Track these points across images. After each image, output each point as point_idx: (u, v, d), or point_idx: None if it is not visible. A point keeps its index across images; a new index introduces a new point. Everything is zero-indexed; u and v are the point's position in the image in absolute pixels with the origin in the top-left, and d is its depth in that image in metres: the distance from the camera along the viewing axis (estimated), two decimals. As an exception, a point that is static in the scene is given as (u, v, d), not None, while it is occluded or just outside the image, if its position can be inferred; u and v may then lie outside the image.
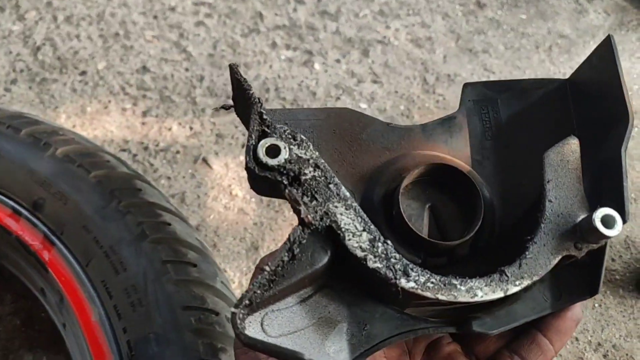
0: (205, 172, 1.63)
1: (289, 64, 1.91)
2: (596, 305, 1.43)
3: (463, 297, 0.54)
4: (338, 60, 1.93)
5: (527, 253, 0.56)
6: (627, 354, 1.36)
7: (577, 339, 1.38)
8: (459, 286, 0.54)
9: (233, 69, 0.62)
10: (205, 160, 1.65)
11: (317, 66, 1.91)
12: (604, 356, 1.36)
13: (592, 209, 0.56)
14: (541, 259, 0.56)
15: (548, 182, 0.59)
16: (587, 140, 0.62)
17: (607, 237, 0.55)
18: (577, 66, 0.67)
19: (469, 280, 0.54)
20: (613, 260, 1.51)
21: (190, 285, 0.95)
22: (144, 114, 1.72)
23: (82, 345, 0.88)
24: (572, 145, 0.61)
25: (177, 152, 1.66)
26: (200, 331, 0.89)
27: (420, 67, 1.92)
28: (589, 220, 0.55)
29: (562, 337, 0.62)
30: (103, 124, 1.69)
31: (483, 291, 0.54)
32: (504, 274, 0.55)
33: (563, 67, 1.93)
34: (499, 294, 0.54)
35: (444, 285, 0.54)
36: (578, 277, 0.61)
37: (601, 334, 1.39)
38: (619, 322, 1.41)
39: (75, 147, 1.09)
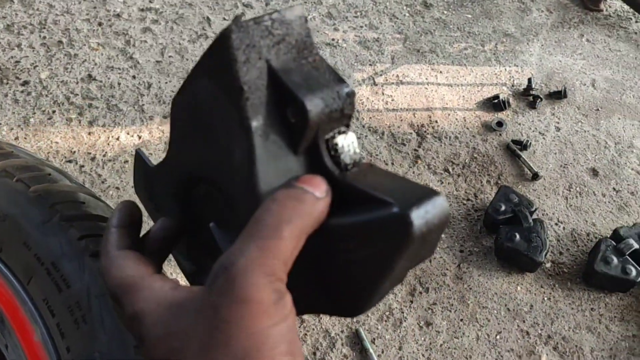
0: (155, 181, 1.60)
1: (238, 68, 1.89)
2: (545, 299, 1.46)
3: None
4: (287, 64, 1.92)
5: None
6: (576, 345, 1.39)
7: (527, 333, 1.40)
8: None
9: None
10: (154, 169, 1.62)
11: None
12: (554, 348, 1.39)
13: None
14: None
15: None
16: None
17: None
18: (522, 64, 0.65)
19: None
20: (561, 253, 1.55)
21: (138, 298, 0.92)
22: (91, 123, 1.69)
23: (25, 366, 0.85)
24: None
25: (126, 161, 1.63)
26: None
27: (369, 68, 1.93)
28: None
29: None
30: (47, 136, 1.65)
31: None
32: None
33: (508, 65, 1.96)
34: None
35: None
36: None
37: (551, 326, 1.42)
38: (567, 314, 1.44)
39: (14, 161, 1.06)
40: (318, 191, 0.48)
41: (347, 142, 0.52)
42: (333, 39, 2.01)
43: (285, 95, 0.50)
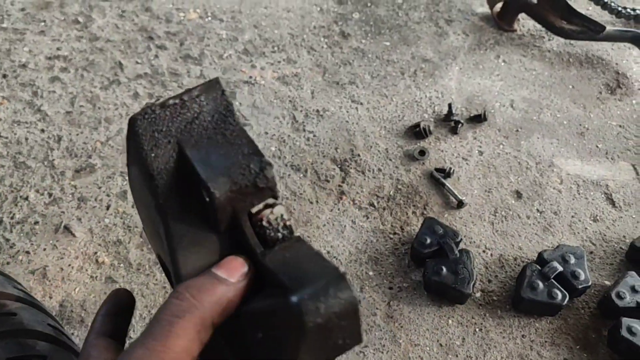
0: (68, 242, 1.52)
1: (154, 114, 1.83)
2: (477, 330, 1.44)
3: None
4: (205, 106, 1.88)
5: None
6: (510, 376, 1.38)
7: (462, 368, 1.38)
8: None
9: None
10: (67, 229, 1.55)
11: (183, 114, 1.84)
12: (489, 381, 1.37)
13: None
14: None
15: None
16: None
17: None
18: (442, 89, 0.65)
19: None
20: (490, 281, 1.54)
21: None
22: (-4, 184, 1.60)
23: None
24: None
25: (36, 222, 1.55)
26: None
27: (289, 104, 1.90)
28: None
29: None
30: (-51, 201, 1.55)
31: None
32: None
33: (428, 91, 1.96)
34: None
35: None
36: None
37: (483, 358, 1.40)
38: (499, 344, 1.42)
39: None
40: (233, 276, 0.47)
41: (273, 217, 0.51)
42: (251, 77, 1.97)
43: (195, 178, 0.50)
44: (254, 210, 0.51)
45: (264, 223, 0.50)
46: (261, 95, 1.92)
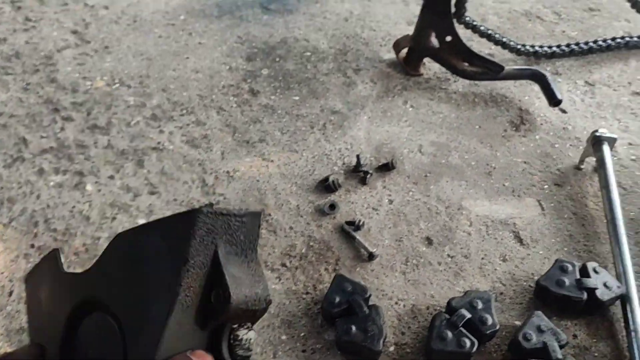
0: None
1: (59, 190, 1.80)
2: (392, 385, 1.45)
3: None
4: (112, 177, 1.86)
5: None
6: None
7: None
8: None
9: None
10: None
11: (89, 187, 1.82)
12: None
13: None
14: None
15: None
16: None
17: None
18: (351, 140, 0.77)
19: None
20: (403, 333, 1.54)
21: None
22: None
23: None
24: None
25: None
26: None
27: (199, 168, 1.90)
28: None
29: None
30: None
31: None
32: None
33: (338, 143, 1.99)
34: None
35: None
36: None
37: (399, 415, 1.40)
38: (415, 398, 1.43)
39: None
40: None
41: (247, 338, 0.63)
42: (159, 142, 1.96)
43: (217, 280, 0.60)
44: (235, 325, 0.63)
45: (238, 339, 0.62)
46: (170, 161, 1.91)
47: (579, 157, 1.99)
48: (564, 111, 2.20)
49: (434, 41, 2.21)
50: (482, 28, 2.32)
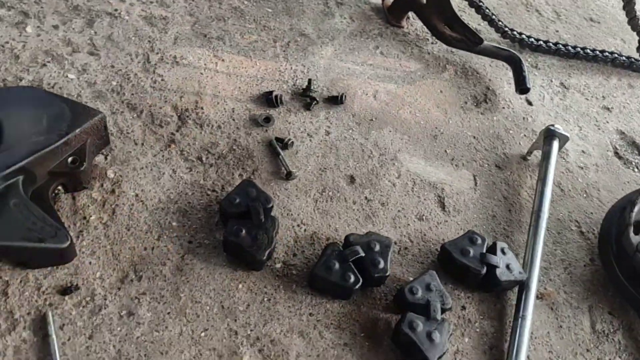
0: None
1: (-3, 22, 1.72)
2: (265, 299, 1.41)
3: None
4: (56, 27, 1.78)
5: None
6: (282, 349, 1.34)
7: (236, 333, 1.34)
8: None
9: None
10: None
11: (29, 29, 1.74)
12: (260, 351, 1.33)
13: None
14: None
15: None
16: None
17: None
18: (309, 64, 0.67)
19: None
20: (295, 255, 1.50)
21: None
22: None
23: None
24: None
25: None
26: None
27: (147, 45, 1.82)
28: None
29: None
30: None
31: None
32: None
33: (296, 64, 1.92)
34: None
35: None
36: None
37: (262, 328, 1.36)
38: (284, 317, 1.39)
39: None
40: None
41: None
42: (116, 10, 1.88)
43: None
44: None
45: None
46: (120, 30, 1.83)
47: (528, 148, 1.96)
48: (530, 103, 2.16)
49: (423, -4, 2.15)
50: (475, -1, 2.25)
